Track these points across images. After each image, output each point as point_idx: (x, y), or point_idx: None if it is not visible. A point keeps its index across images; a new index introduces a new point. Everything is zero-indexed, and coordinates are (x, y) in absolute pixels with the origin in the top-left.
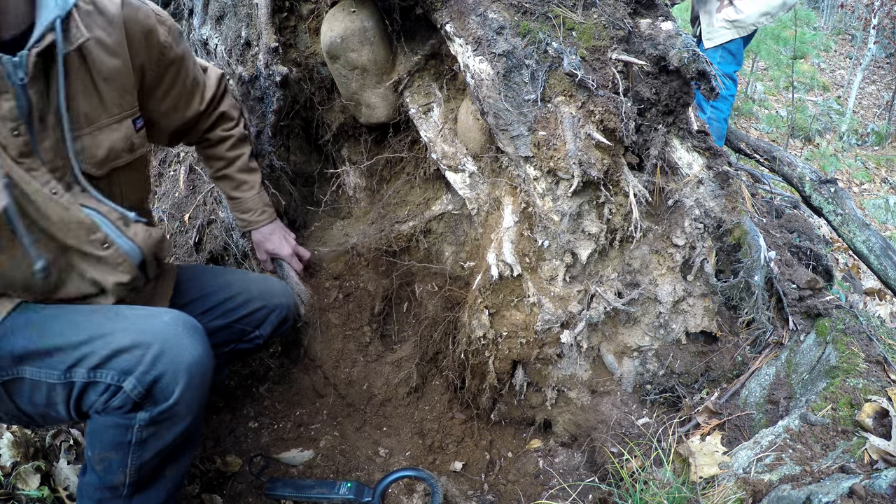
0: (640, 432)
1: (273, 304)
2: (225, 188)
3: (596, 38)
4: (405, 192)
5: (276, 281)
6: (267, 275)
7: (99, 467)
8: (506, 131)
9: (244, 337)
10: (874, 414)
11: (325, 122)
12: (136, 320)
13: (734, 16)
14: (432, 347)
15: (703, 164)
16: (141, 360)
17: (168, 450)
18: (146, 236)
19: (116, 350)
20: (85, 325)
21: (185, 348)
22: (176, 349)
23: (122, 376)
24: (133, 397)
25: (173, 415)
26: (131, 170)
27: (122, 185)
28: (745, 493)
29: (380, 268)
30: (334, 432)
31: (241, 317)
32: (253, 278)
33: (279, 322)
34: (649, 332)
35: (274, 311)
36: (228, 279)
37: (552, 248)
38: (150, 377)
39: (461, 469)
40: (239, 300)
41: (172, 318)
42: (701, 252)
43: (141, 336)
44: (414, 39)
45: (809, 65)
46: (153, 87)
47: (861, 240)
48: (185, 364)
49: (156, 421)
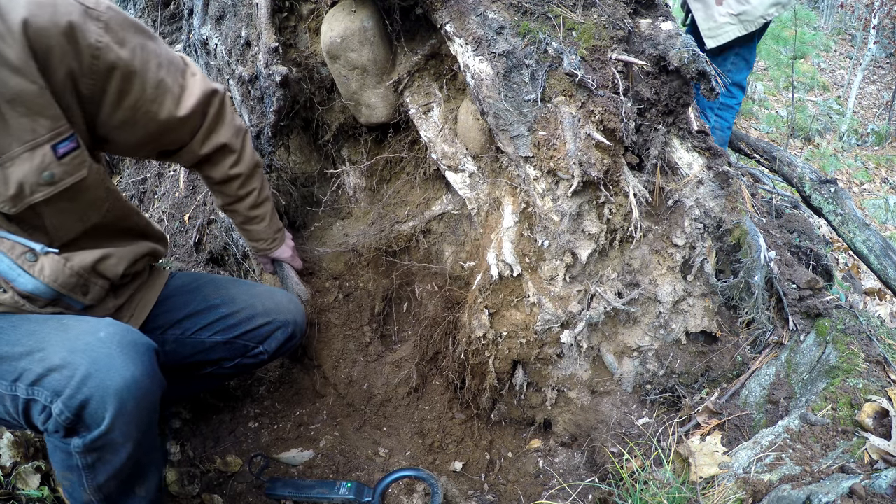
0: (640, 432)
1: (280, 321)
2: (234, 219)
3: (596, 38)
4: (405, 192)
5: (283, 294)
6: (275, 288)
7: (65, 484)
8: (506, 131)
9: (247, 353)
10: (874, 414)
11: (325, 122)
12: (72, 335)
13: (739, 7)
14: (432, 347)
15: (703, 164)
16: (68, 383)
17: (125, 472)
18: (58, 269)
19: (49, 368)
20: (31, 336)
21: (116, 370)
22: (105, 371)
23: (53, 397)
24: (62, 422)
25: (109, 442)
26: (65, 200)
27: (54, 218)
28: (745, 493)
29: (380, 268)
30: (334, 432)
31: (243, 332)
32: (259, 292)
33: (285, 339)
34: (649, 332)
35: (280, 328)
36: (232, 293)
37: (552, 248)
38: (76, 402)
39: (461, 469)
40: (242, 315)
41: (109, 334)
42: (701, 252)
43: (71, 355)
44: (414, 39)
45: (809, 65)
46: (95, 97)
47: (861, 240)
48: (114, 388)
49: (92, 448)
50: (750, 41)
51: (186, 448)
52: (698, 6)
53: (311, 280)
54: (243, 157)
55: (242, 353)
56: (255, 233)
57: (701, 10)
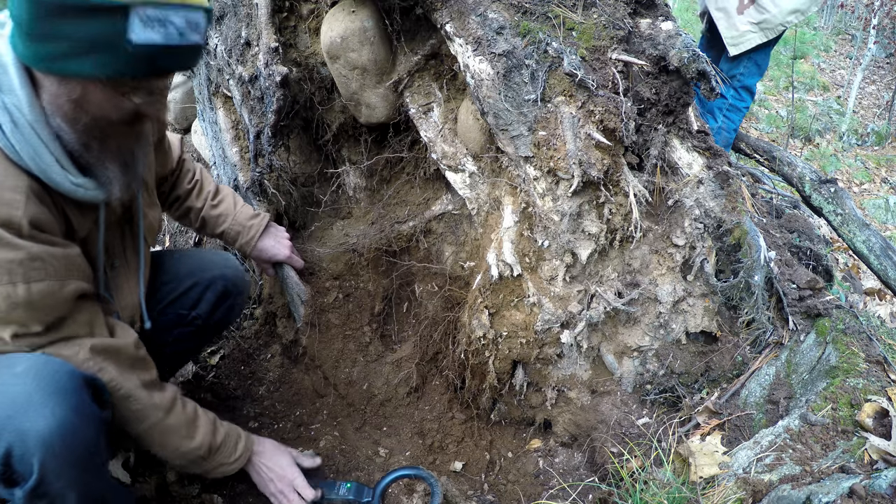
0: (640, 432)
1: (207, 279)
2: (210, 231)
3: (596, 38)
4: (405, 192)
5: (213, 253)
6: (209, 249)
7: None
8: (506, 131)
9: (183, 321)
10: (874, 414)
11: (325, 122)
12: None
13: (759, 16)
14: (432, 347)
15: (703, 164)
16: None
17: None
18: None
19: None
20: None
21: (34, 412)
22: (23, 413)
23: None
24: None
25: (48, 490)
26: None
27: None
28: (745, 493)
29: (380, 268)
30: (334, 432)
31: (172, 300)
32: (185, 255)
33: (217, 298)
34: (649, 332)
35: (210, 287)
36: (165, 265)
37: (552, 248)
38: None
39: (461, 469)
40: (169, 283)
41: (26, 367)
42: (701, 252)
43: None
44: (414, 39)
45: (809, 65)
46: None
47: (861, 240)
48: (36, 433)
49: (35, 496)
50: (766, 47)
51: None
52: (720, 16)
53: (311, 280)
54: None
55: (177, 322)
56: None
57: (723, 20)
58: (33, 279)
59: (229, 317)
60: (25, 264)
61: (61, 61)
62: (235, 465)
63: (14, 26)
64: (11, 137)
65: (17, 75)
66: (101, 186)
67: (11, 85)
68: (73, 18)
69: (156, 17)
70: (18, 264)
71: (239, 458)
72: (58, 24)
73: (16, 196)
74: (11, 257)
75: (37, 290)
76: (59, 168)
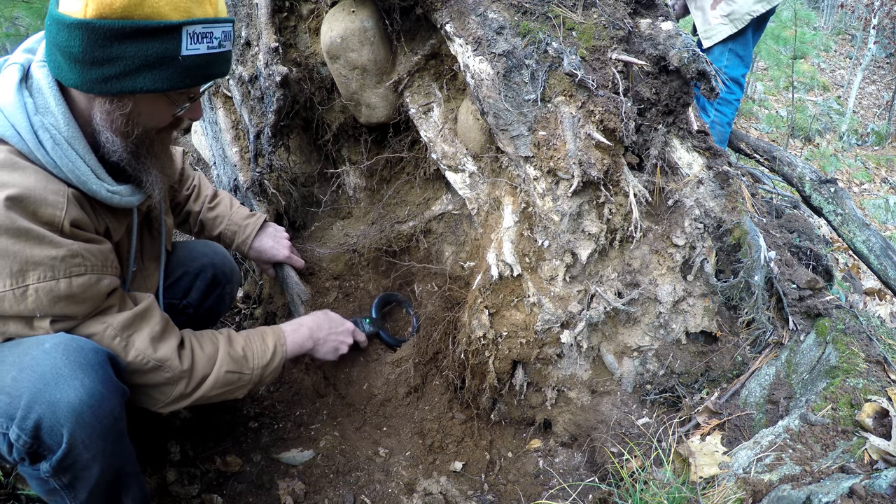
0: (640, 432)
1: (195, 268)
2: (209, 234)
3: (596, 38)
4: (405, 192)
5: (201, 244)
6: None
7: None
8: (506, 131)
9: (175, 310)
10: (874, 414)
11: (325, 122)
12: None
13: (727, 9)
14: (432, 347)
15: (703, 164)
16: (18, 404)
17: (106, 485)
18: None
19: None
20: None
21: (65, 384)
22: (54, 386)
23: (8, 423)
24: (23, 448)
25: (77, 460)
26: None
27: None
28: (745, 493)
29: (380, 268)
30: (334, 432)
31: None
32: (174, 246)
33: (207, 285)
34: (649, 332)
35: (199, 276)
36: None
37: (552, 248)
38: (29, 423)
39: (461, 469)
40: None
41: (54, 344)
42: (701, 252)
43: (20, 373)
44: (414, 39)
45: (809, 65)
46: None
47: (861, 240)
48: (67, 404)
49: (62, 469)
50: (740, 36)
51: (186, 448)
52: (698, 14)
53: (311, 280)
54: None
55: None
56: (226, 234)
57: (699, 17)
58: (74, 273)
59: (220, 305)
60: (67, 261)
61: (116, 81)
62: (277, 358)
63: (59, 57)
64: (52, 154)
65: (52, 96)
66: (144, 189)
67: (48, 106)
68: (132, 42)
69: (202, 32)
70: (61, 261)
71: (275, 348)
72: (115, 48)
73: (58, 198)
74: (54, 254)
75: (77, 284)
76: (95, 178)
